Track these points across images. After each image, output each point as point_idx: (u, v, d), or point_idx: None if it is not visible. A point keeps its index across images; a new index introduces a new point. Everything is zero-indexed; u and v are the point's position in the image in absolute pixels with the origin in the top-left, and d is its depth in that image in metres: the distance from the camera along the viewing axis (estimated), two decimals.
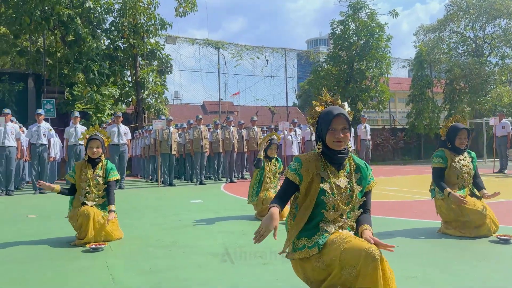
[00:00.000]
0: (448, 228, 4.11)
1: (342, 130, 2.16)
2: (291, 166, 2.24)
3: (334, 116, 2.15)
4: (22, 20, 14.64)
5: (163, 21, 17.14)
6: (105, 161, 4.32)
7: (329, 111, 2.20)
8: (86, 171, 4.19)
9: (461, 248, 3.59)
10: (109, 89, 15.67)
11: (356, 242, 2.03)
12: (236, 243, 3.96)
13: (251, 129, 11.94)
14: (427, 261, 3.22)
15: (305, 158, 2.25)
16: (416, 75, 23.69)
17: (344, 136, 2.16)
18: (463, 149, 4.20)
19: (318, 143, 2.26)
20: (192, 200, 7.53)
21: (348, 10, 21.07)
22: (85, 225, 3.93)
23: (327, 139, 2.18)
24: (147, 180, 13.35)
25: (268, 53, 22.59)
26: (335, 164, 2.25)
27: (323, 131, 2.19)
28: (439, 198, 4.17)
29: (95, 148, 4.18)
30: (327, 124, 2.16)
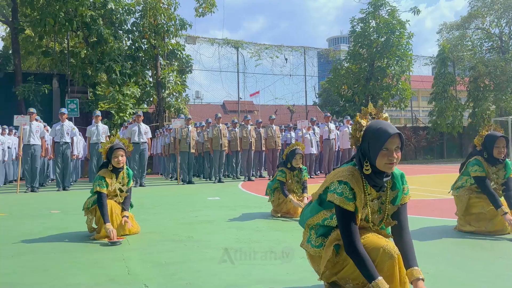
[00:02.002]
0: (464, 225, 4.05)
1: (396, 150, 1.95)
2: (343, 193, 1.99)
3: (390, 136, 1.91)
4: (46, 22, 15.07)
5: (183, 22, 17.36)
6: (126, 170, 4.36)
7: (383, 128, 1.95)
8: (112, 181, 4.22)
9: (477, 246, 3.54)
10: (130, 89, 15.96)
11: (374, 238, 2.02)
12: (249, 238, 4.00)
13: (269, 128, 11.97)
14: (441, 257, 3.18)
15: (354, 183, 2.01)
16: (438, 73, 23.26)
17: (397, 157, 1.95)
18: (500, 160, 3.86)
19: (365, 164, 2.00)
20: (210, 197, 7.62)
21: (368, 7, 20.84)
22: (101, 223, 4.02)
23: (378, 161, 1.94)
24: (167, 178, 13.54)
25: (287, 52, 22.56)
26: (376, 187, 2.06)
27: (374, 151, 1.95)
28: (454, 195, 4.14)
29: (120, 157, 4.18)
30: (380, 144, 1.92)
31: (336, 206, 2.02)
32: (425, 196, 7.11)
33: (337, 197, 2.00)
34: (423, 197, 6.99)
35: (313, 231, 2.24)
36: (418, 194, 7.35)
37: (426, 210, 5.58)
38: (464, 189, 4.09)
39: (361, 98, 20.46)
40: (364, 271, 1.87)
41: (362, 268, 1.88)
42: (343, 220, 1.99)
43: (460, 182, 4.18)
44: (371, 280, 1.84)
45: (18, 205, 7.22)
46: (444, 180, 10.57)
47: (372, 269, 1.86)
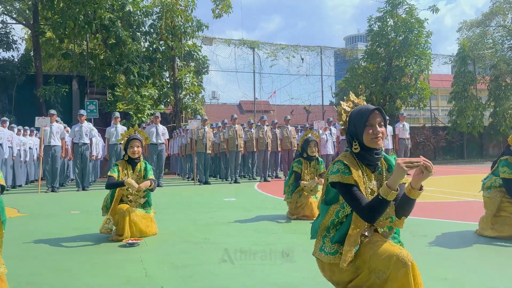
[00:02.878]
0: (486, 229, 3.96)
1: (379, 125, 2.06)
2: (339, 169, 2.06)
3: (371, 111, 2.06)
4: (66, 25, 15.36)
5: (199, 23, 17.49)
6: (143, 162, 4.45)
7: (363, 107, 2.12)
8: (127, 172, 4.32)
9: (497, 251, 3.47)
10: (148, 90, 16.16)
11: (387, 246, 1.99)
12: (265, 241, 4.01)
13: (285, 128, 11.96)
14: (460, 263, 3.14)
15: (348, 161, 2.10)
16: (458, 72, 22.84)
17: (382, 131, 2.05)
18: None
19: (354, 143, 2.12)
20: (226, 198, 7.66)
21: (386, 6, 20.61)
22: (122, 223, 4.09)
23: (365, 137, 2.06)
24: (184, 178, 13.66)
25: (303, 52, 22.48)
26: (371, 166, 2.14)
27: (359, 129, 2.08)
28: (485, 196, 4.03)
29: (135, 147, 4.28)
30: (363, 121, 2.05)
31: (338, 187, 2.06)
32: (444, 199, 6.99)
33: (335, 175, 2.05)
34: (442, 199, 6.87)
35: (327, 239, 2.20)
36: (437, 196, 7.24)
37: (445, 213, 5.49)
38: (495, 190, 3.95)
39: (379, 98, 20.25)
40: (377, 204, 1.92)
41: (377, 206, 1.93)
42: (348, 193, 2.03)
43: (489, 182, 4.05)
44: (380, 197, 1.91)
45: (39, 205, 7.39)
46: (464, 181, 10.37)
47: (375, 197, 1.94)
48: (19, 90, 17.14)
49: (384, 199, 1.90)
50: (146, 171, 4.39)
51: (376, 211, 1.96)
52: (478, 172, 13.57)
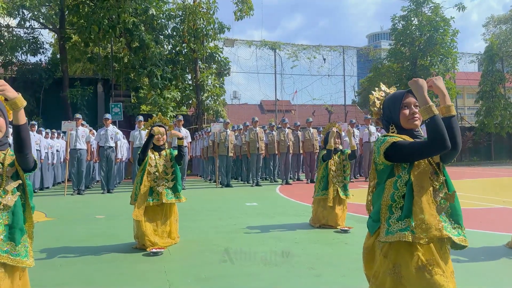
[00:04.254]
0: None
1: (415, 106, 2.01)
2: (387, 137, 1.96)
3: (405, 93, 2.04)
4: (91, 29, 15.69)
5: (221, 25, 17.56)
6: (168, 150, 4.46)
7: (396, 92, 2.11)
8: (154, 157, 4.32)
9: None
10: (171, 93, 16.33)
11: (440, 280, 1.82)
12: (287, 251, 3.99)
13: (307, 131, 11.88)
14: (491, 280, 3.04)
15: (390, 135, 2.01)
16: (486, 70, 22.21)
17: (418, 112, 1.97)
18: None
19: (390, 127, 2.07)
20: (248, 203, 7.67)
21: (410, 4, 20.21)
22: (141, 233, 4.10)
23: (402, 118, 2.01)
24: (206, 180, 13.75)
25: (325, 52, 22.29)
26: None
27: (394, 112, 2.04)
28: None
29: (160, 134, 4.29)
30: (398, 103, 2.03)
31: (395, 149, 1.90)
32: (470, 205, 6.78)
33: (385, 143, 1.92)
34: (469, 206, 6.67)
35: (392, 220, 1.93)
36: (462, 202, 7.05)
37: (473, 222, 5.29)
38: None
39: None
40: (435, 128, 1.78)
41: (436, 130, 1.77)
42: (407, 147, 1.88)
43: None
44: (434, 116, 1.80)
45: (65, 209, 7.57)
46: (492, 185, 10.06)
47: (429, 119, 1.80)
48: (46, 93, 17.60)
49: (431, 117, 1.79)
50: (172, 156, 4.39)
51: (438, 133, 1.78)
52: (507, 175, 13.16)
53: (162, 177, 4.28)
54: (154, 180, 4.25)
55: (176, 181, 4.36)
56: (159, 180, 4.26)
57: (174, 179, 4.35)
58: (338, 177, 5.24)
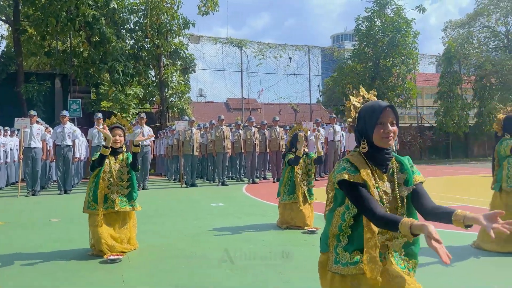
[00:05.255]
0: (485, 241, 3.79)
1: (391, 124, 1.91)
2: (345, 167, 1.91)
3: (383, 109, 1.90)
4: (48, 22, 14.93)
5: (186, 21, 17.19)
6: (126, 154, 4.20)
7: (375, 104, 1.95)
8: (109, 161, 4.04)
9: (500, 267, 3.35)
10: (133, 89, 15.82)
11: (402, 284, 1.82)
12: (255, 254, 3.84)
13: (273, 129, 11.80)
14: (459, 280, 3.01)
15: (356, 159, 1.95)
16: (444, 72, 22.97)
17: (393, 131, 1.91)
18: None
19: (362, 142, 1.96)
20: (214, 204, 7.46)
21: (374, 6, 20.58)
22: (98, 247, 3.84)
23: (375, 136, 1.91)
24: (171, 180, 13.41)
25: (291, 51, 22.34)
26: (381, 166, 1.97)
27: (369, 127, 1.92)
28: (507, 190, 3.77)
29: (117, 136, 4.03)
30: (374, 118, 1.90)
31: (344, 186, 1.89)
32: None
33: (341, 173, 1.88)
34: None
35: (340, 248, 1.96)
36: None
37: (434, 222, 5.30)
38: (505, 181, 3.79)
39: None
40: (390, 224, 1.75)
41: (389, 226, 1.76)
42: (355, 192, 1.85)
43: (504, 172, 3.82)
44: (396, 225, 1.72)
45: (18, 211, 7.08)
46: (453, 183, 10.34)
47: (394, 217, 1.75)
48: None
49: (398, 228, 1.73)
50: (129, 160, 4.14)
51: (385, 226, 1.79)
52: (465, 173, 13.62)
53: (116, 183, 4.00)
54: (108, 186, 3.97)
55: (132, 188, 4.10)
56: (113, 186, 3.98)
57: (130, 186, 4.08)
58: (304, 180, 5.15)
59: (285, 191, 5.16)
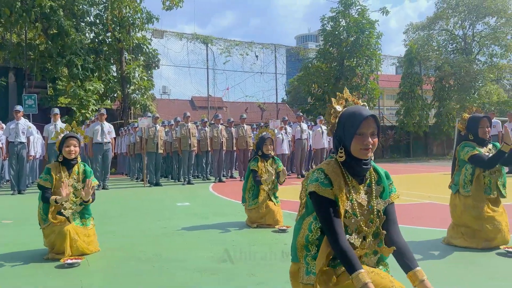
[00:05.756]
0: (455, 237, 3.81)
1: (371, 135, 1.82)
2: (318, 178, 1.82)
3: (364, 118, 1.79)
4: (1, 12, 14.04)
5: (149, 15, 16.65)
6: (81, 164, 3.91)
7: (357, 112, 1.83)
8: (61, 175, 3.74)
9: (469, 263, 3.33)
10: (93, 84, 15.17)
11: (376, 279, 1.73)
12: (225, 255, 3.64)
13: (241, 127, 11.61)
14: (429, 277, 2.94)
15: (331, 170, 1.85)
16: (406, 73, 23.58)
17: (373, 143, 1.82)
18: (487, 141, 3.80)
19: (339, 150, 1.87)
20: (179, 203, 7.19)
21: (339, 6, 20.81)
22: (60, 244, 3.53)
23: (353, 146, 1.82)
24: (133, 179, 12.95)
25: (258, 49, 22.19)
26: (358, 177, 1.90)
27: (347, 136, 1.83)
28: (464, 195, 3.75)
29: (72, 147, 3.72)
30: (353, 128, 1.80)
31: (313, 198, 1.82)
32: (400, 201, 6.87)
33: (312, 184, 1.82)
34: (398, 202, 6.75)
35: (309, 258, 1.89)
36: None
37: (405, 218, 5.26)
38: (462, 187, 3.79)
39: (331, 97, 20.28)
40: (348, 264, 1.70)
41: (345, 261, 1.71)
42: (322, 209, 1.79)
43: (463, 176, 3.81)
44: (352, 272, 1.68)
45: None
46: (416, 181, 10.55)
47: (355, 261, 1.70)
48: None
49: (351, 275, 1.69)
50: (86, 174, 3.85)
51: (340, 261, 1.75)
52: (426, 171, 13.98)
53: (70, 199, 3.68)
54: (61, 203, 3.64)
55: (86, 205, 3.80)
56: (66, 203, 3.65)
57: (84, 202, 3.75)
58: (269, 184, 5.00)
59: (250, 196, 5.02)
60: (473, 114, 3.86)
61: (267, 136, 5.03)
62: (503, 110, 21.23)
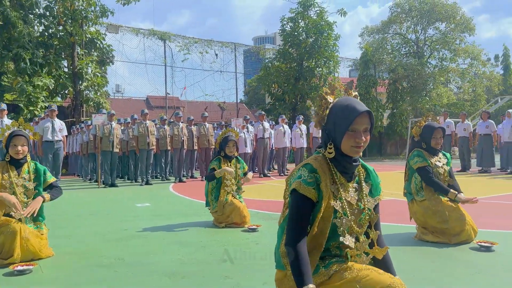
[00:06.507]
0: (425, 233, 3.83)
1: (364, 132, 1.68)
2: (301, 175, 1.68)
3: (359, 114, 1.64)
4: None
5: (104, 8, 15.90)
6: (32, 163, 3.53)
7: (350, 105, 1.67)
8: (9, 174, 3.39)
9: (440, 256, 3.31)
10: (42, 80, 14.25)
11: (375, 276, 1.62)
12: (194, 258, 3.39)
13: (202, 126, 11.29)
14: (401, 270, 2.86)
15: (319, 165, 1.70)
16: (361, 75, 24.15)
17: (365, 140, 1.69)
18: (438, 150, 3.93)
19: (329, 146, 1.72)
20: (139, 204, 6.79)
21: (298, 7, 20.93)
22: (10, 244, 3.16)
23: (344, 143, 1.68)
24: (86, 180, 12.26)
25: (217, 47, 21.87)
26: (346, 175, 1.77)
27: (339, 132, 1.68)
28: (419, 200, 3.84)
29: (19, 146, 3.39)
30: (346, 124, 1.65)
31: (291, 194, 1.69)
32: None
33: (294, 181, 1.69)
34: None
35: None
36: None
37: None
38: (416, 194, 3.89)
39: (291, 97, 20.50)
40: (297, 274, 1.56)
41: (296, 270, 1.57)
42: (295, 205, 1.66)
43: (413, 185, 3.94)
44: (301, 286, 1.54)
45: None
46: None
47: (307, 274, 1.56)
48: None
49: None
50: (39, 175, 3.49)
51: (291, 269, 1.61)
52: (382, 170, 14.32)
53: (20, 200, 3.33)
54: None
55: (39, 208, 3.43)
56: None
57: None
58: (232, 185, 4.81)
59: (212, 199, 4.83)
60: (428, 123, 3.90)
61: (231, 138, 4.86)
62: (452, 112, 22.27)
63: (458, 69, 25.95)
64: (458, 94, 26.80)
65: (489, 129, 11.58)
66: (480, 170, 11.69)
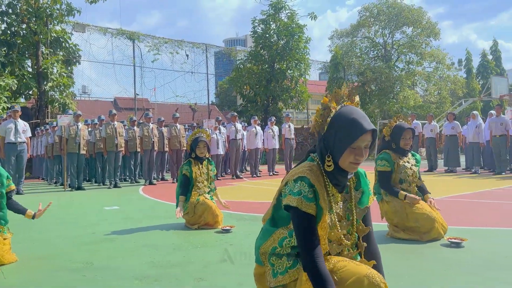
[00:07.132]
0: (397, 231, 3.89)
1: (365, 148, 1.61)
2: (301, 191, 1.60)
3: (365, 132, 1.56)
4: None
5: (70, 7, 15.42)
6: None
7: (356, 121, 1.57)
8: None
9: (412, 253, 3.37)
10: (5, 80, 13.66)
11: (352, 267, 1.60)
12: (167, 260, 3.29)
13: (173, 127, 11.10)
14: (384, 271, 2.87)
15: (315, 179, 1.63)
16: (331, 77, 24.48)
17: (365, 156, 1.62)
18: (407, 151, 3.98)
19: (327, 159, 1.64)
20: (107, 207, 6.58)
21: (269, 9, 21.02)
22: None
23: (343, 159, 1.60)
24: (51, 183, 11.82)
25: (188, 48, 21.61)
26: (339, 187, 1.71)
27: (340, 146, 1.60)
28: (387, 201, 3.92)
29: None
30: (349, 141, 1.57)
31: (292, 211, 1.62)
32: None
33: (294, 197, 1.60)
34: None
35: (274, 257, 1.76)
36: None
37: None
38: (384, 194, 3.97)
39: (263, 99, 20.52)
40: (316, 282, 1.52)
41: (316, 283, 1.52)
42: (302, 226, 1.60)
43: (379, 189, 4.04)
44: None
45: None
46: None
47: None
48: None
49: None
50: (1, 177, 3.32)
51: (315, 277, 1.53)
52: None
53: None
54: None
55: (2, 211, 3.34)
56: None
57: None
58: (204, 187, 4.73)
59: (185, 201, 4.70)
60: (398, 123, 3.93)
61: (202, 139, 4.75)
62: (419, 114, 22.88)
63: (424, 72, 26.75)
64: (424, 96, 27.59)
65: (455, 130, 11.91)
66: (446, 170, 12.03)
